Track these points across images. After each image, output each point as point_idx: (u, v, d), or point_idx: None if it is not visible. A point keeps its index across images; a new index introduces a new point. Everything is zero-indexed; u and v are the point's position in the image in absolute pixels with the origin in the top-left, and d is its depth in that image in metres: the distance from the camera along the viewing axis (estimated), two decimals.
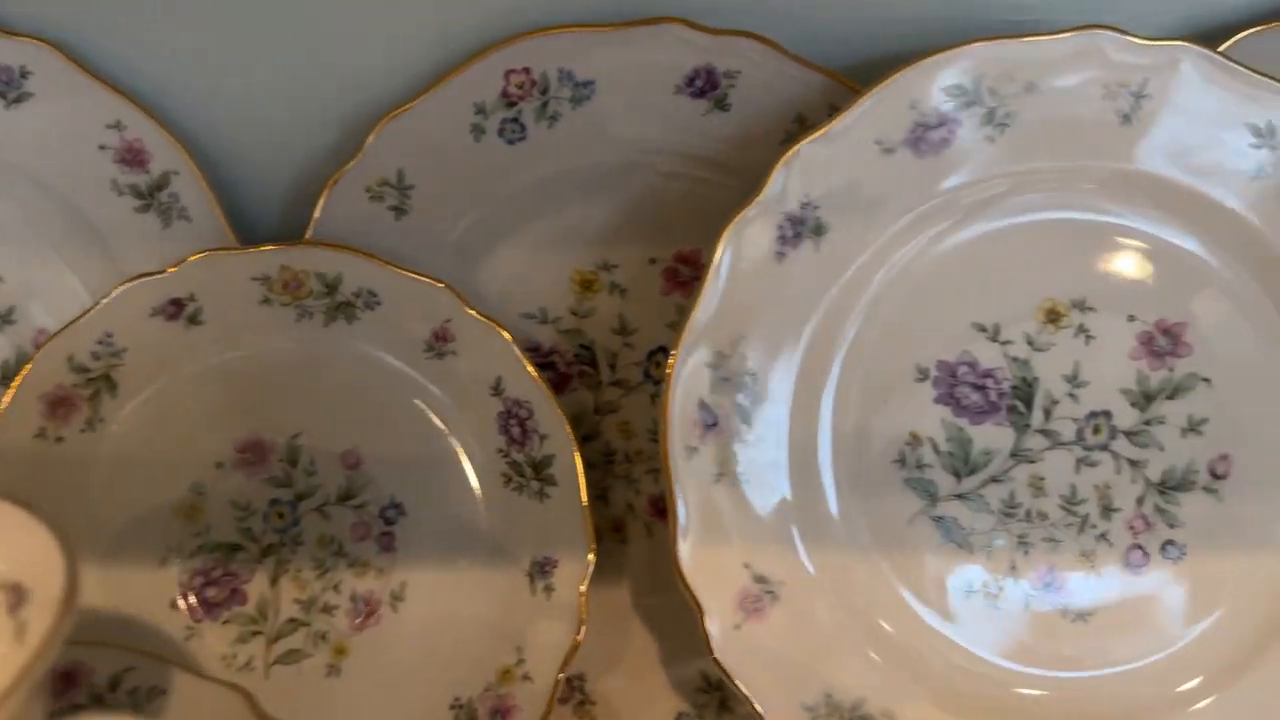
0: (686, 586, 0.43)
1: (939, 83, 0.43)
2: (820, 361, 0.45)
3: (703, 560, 0.43)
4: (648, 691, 0.50)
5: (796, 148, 0.43)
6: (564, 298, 0.51)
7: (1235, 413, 0.45)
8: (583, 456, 0.48)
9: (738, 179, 0.48)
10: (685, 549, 0.43)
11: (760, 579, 0.44)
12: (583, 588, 0.45)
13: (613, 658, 0.51)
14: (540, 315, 0.51)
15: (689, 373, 0.43)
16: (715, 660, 0.43)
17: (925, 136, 0.44)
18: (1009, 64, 0.43)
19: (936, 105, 0.43)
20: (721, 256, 0.43)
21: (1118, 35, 0.43)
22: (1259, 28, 0.47)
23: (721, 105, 0.48)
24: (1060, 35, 0.42)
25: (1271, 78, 0.43)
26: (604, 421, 0.52)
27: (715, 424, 0.44)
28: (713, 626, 0.43)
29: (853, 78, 0.47)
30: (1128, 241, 0.45)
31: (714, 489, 0.44)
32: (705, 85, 0.47)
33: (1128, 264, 0.45)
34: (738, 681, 0.43)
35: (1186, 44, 0.43)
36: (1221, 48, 0.46)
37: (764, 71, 0.47)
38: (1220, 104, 0.43)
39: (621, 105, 0.48)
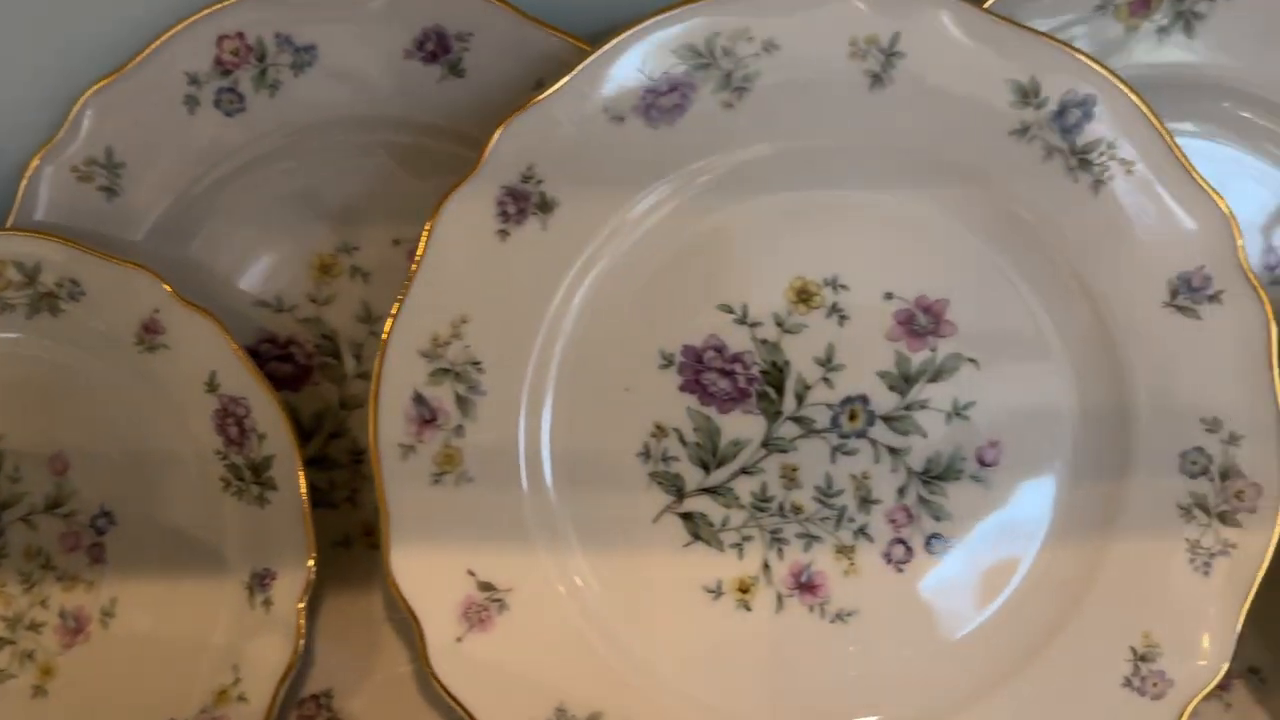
0: (401, 596, 0.40)
1: (668, 43, 0.40)
2: (554, 347, 0.42)
3: (419, 568, 0.40)
4: (400, 708, 0.47)
5: (514, 115, 0.39)
6: (301, 283, 0.47)
7: (1003, 395, 0.43)
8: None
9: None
10: (398, 556, 0.40)
11: (486, 586, 0.41)
12: (301, 604, 0.42)
13: (362, 672, 0.47)
14: (276, 303, 0.47)
15: (400, 363, 0.39)
16: (432, 675, 0.40)
17: (656, 103, 0.40)
18: (744, 21, 0.40)
19: (666, 69, 0.40)
20: (433, 236, 0.39)
21: None
22: None
23: (456, 71, 0.44)
24: None
25: (1036, 31, 0.40)
26: (351, 417, 0.48)
27: (433, 419, 0.41)
28: (431, 638, 0.40)
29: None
30: (881, 214, 0.42)
31: (434, 490, 0.40)
32: (437, 49, 0.44)
33: (883, 238, 0.42)
34: (457, 697, 0.40)
35: None
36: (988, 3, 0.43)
37: (499, 34, 0.43)
38: (980, 61, 0.40)
39: (348, 72, 0.44)
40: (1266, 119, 0.46)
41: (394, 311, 0.39)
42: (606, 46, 0.39)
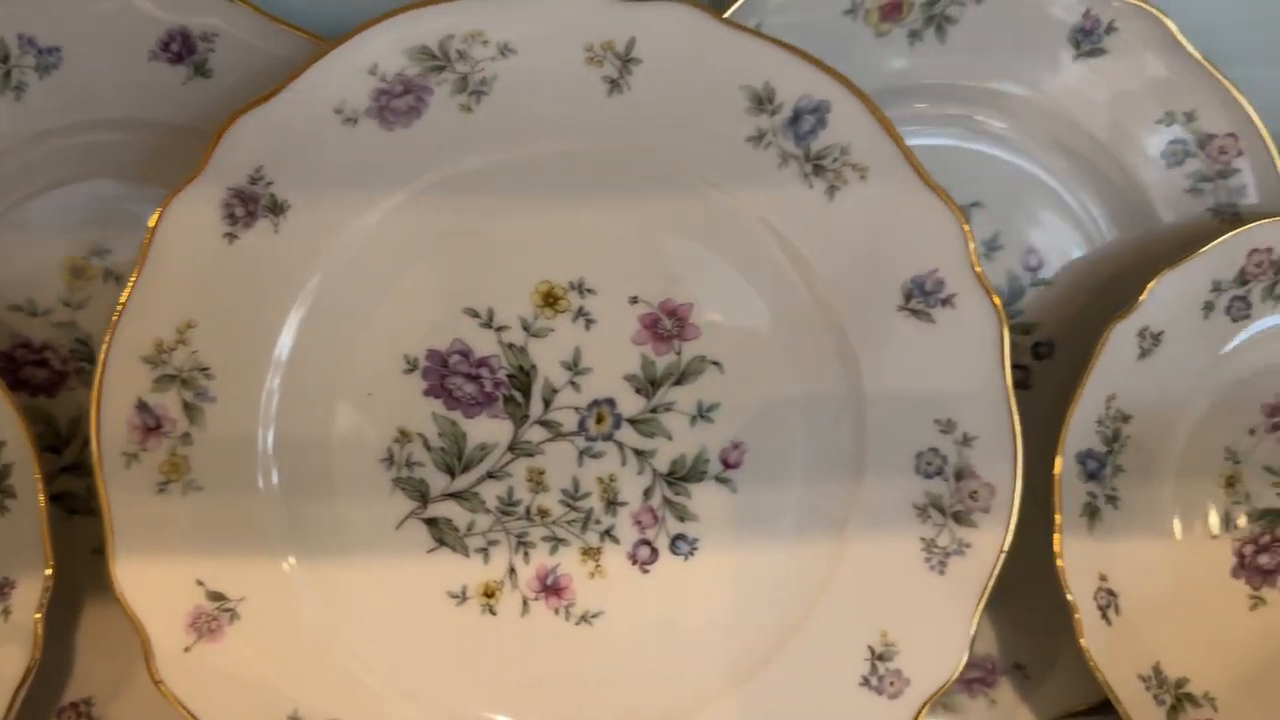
0: (126, 606, 0.39)
1: (401, 43, 0.40)
2: (289, 353, 0.41)
3: (145, 578, 0.39)
4: (161, 715, 0.46)
5: (238, 116, 0.39)
6: (54, 287, 0.46)
7: (747, 398, 0.43)
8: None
9: None
10: (123, 567, 0.39)
11: (216, 596, 0.40)
12: (38, 613, 0.41)
13: (122, 679, 0.46)
14: (29, 307, 0.46)
15: (121, 370, 0.39)
16: (159, 685, 0.39)
17: (390, 105, 0.40)
18: (479, 24, 0.39)
19: (401, 69, 0.40)
20: (155, 239, 0.38)
21: None
22: None
23: (202, 71, 0.43)
24: None
25: (770, 38, 0.40)
26: None
27: (158, 426, 0.40)
28: (158, 648, 0.39)
29: None
30: (626, 218, 0.42)
31: (159, 499, 0.40)
32: (182, 49, 0.43)
33: (627, 242, 0.42)
34: (187, 706, 0.39)
35: (677, 1, 0.40)
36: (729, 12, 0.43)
37: (244, 33, 0.42)
38: (715, 67, 0.40)
39: (95, 74, 0.43)
40: (1015, 124, 0.47)
41: (114, 317, 0.38)
42: (335, 47, 0.39)
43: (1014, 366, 0.47)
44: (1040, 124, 0.46)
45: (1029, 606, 0.47)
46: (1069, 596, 0.43)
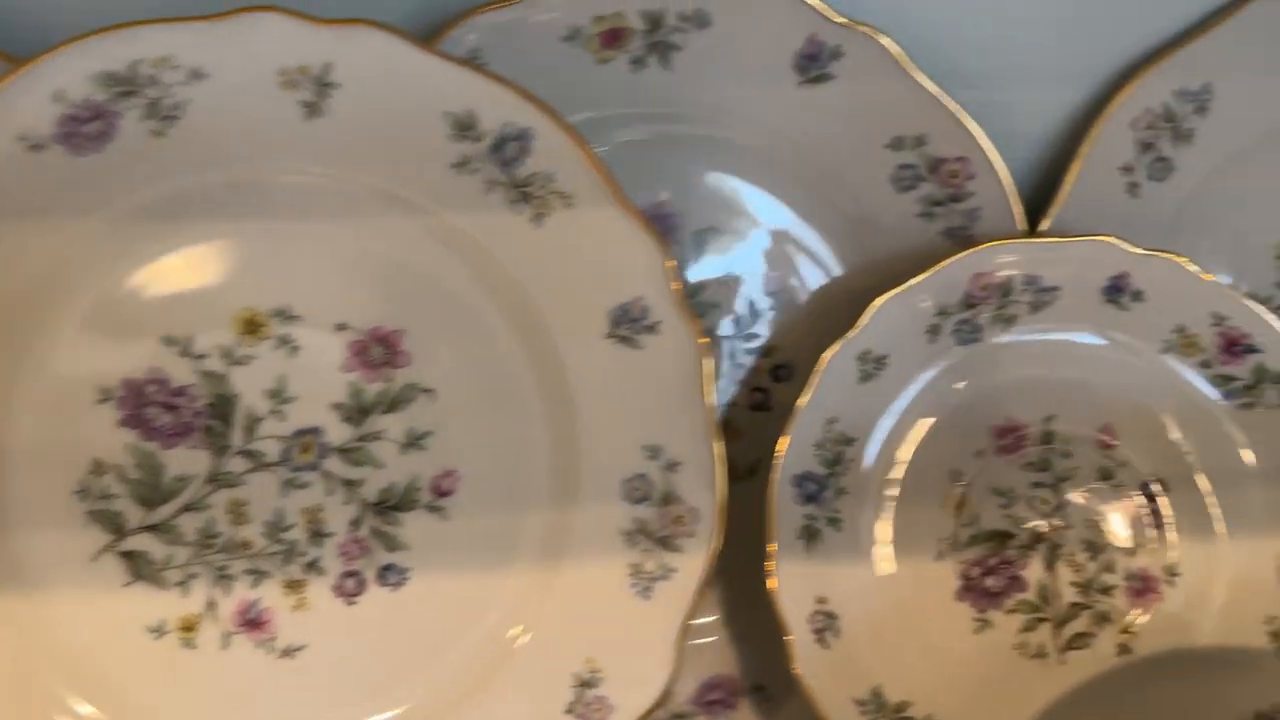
0: None
1: (88, 68, 0.39)
2: None
3: None
4: None
5: None
6: None
7: (460, 425, 0.43)
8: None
9: None
10: None
11: None
12: None
13: None
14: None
15: None
16: None
17: (79, 131, 0.39)
18: (167, 49, 0.39)
19: (88, 95, 0.39)
20: None
21: (287, 18, 0.39)
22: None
23: None
24: (221, 20, 0.37)
25: (472, 65, 0.39)
26: None
27: None
28: None
29: None
30: (332, 244, 0.41)
31: None
32: None
33: (334, 269, 0.41)
34: None
35: (373, 26, 0.39)
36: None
37: None
38: (416, 93, 0.40)
39: None
40: (747, 150, 0.47)
41: None
42: (17, 74, 0.38)
43: (754, 389, 0.49)
44: (770, 150, 0.47)
45: (768, 627, 0.47)
46: (781, 619, 0.43)
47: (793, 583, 0.44)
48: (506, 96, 0.40)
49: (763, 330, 0.49)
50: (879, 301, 0.45)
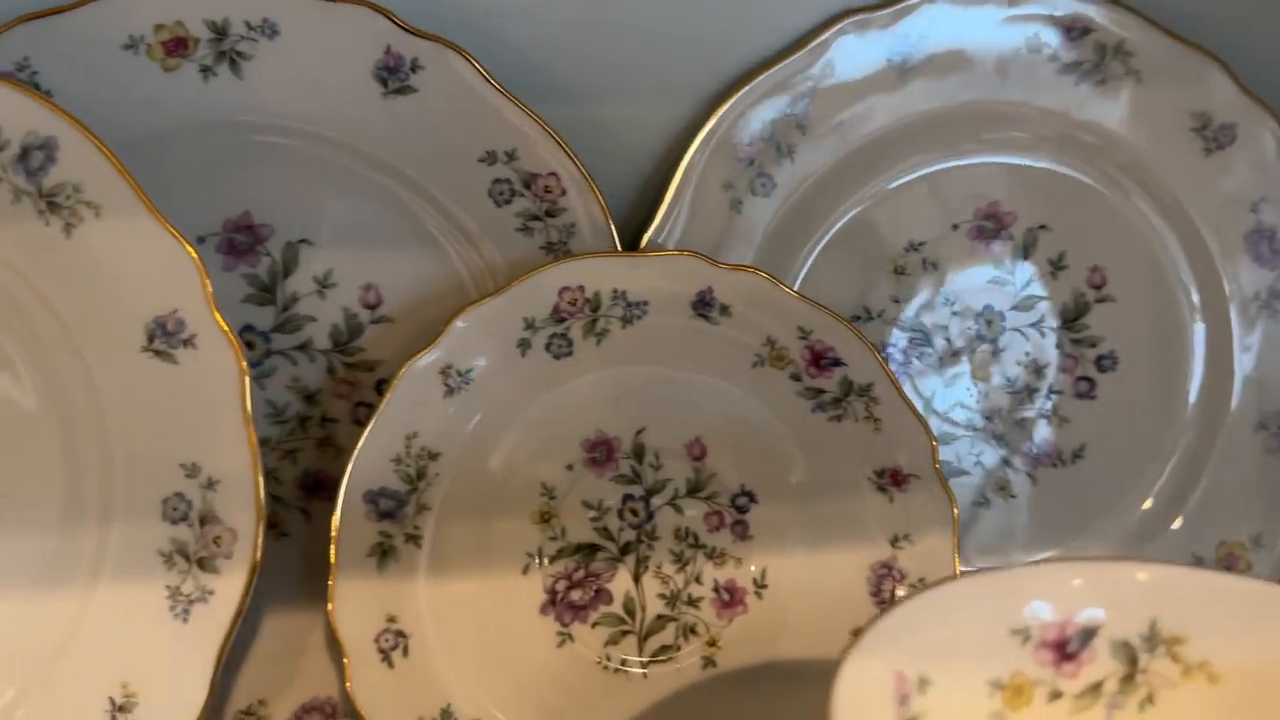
0: None
1: None
2: None
3: None
4: None
5: None
6: None
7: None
8: None
9: None
10: None
11: None
12: None
13: None
14: None
15: None
16: None
17: None
18: None
19: None
20: None
21: None
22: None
23: None
24: None
25: None
26: None
27: None
28: None
29: None
30: None
31: None
32: None
33: None
34: None
35: None
36: None
37: None
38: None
39: None
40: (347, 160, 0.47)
41: None
42: None
43: (357, 404, 0.48)
44: (354, 161, 0.47)
45: None
46: (339, 641, 0.42)
47: (359, 602, 0.43)
48: (30, 106, 0.39)
49: (363, 344, 0.49)
50: (461, 315, 0.45)
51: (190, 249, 0.40)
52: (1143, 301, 0.54)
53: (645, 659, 0.48)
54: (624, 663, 0.47)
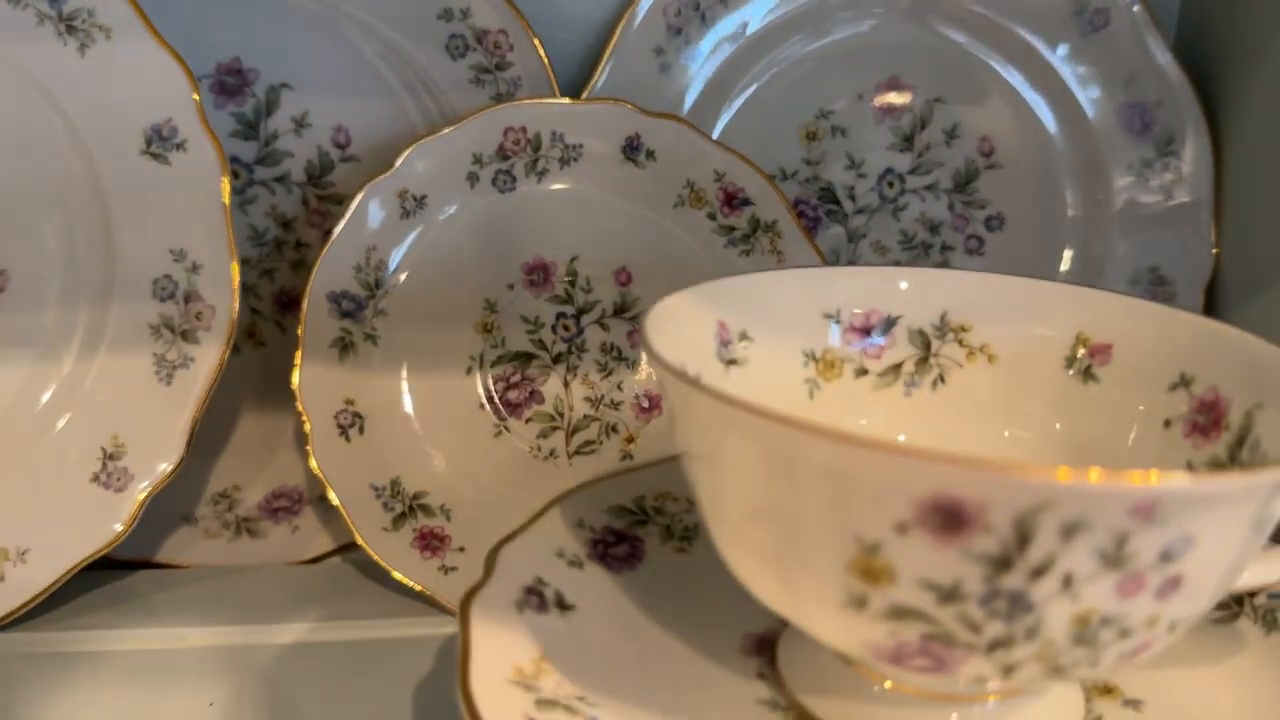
0: None
1: None
2: None
3: None
4: None
5: None
6: None
7: (9, 227, 0.48)
8: None
9: None
10: None
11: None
12: None
13: None
14: None
15: None
16: None
17: None
18: None
19: None
20: None
21: None
22: None
23: None
24: None
25: None
26: None
27: None
28: None
29: None
30: None
31: None
32: None
33: None
34: None
35: None
36: None
37: None
38: None
39: None
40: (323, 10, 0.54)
41: None
42: None
43: (328, 232, 0.54)
44: (335, 16, 0.53)
45: None
46: (301, 410, 0.49)
47: (322, 384, 0.50)
48: None
49: (334, 180, 0.55)
50: (414, 147, 0.51)
51: (183, 65, 0.47)
52: (1026, 169, 0.61)
53: (571, 450, 0.55)
54: (553, 452, 0.54)
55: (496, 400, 0.54)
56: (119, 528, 0.47)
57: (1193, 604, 0.30)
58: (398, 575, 0.49)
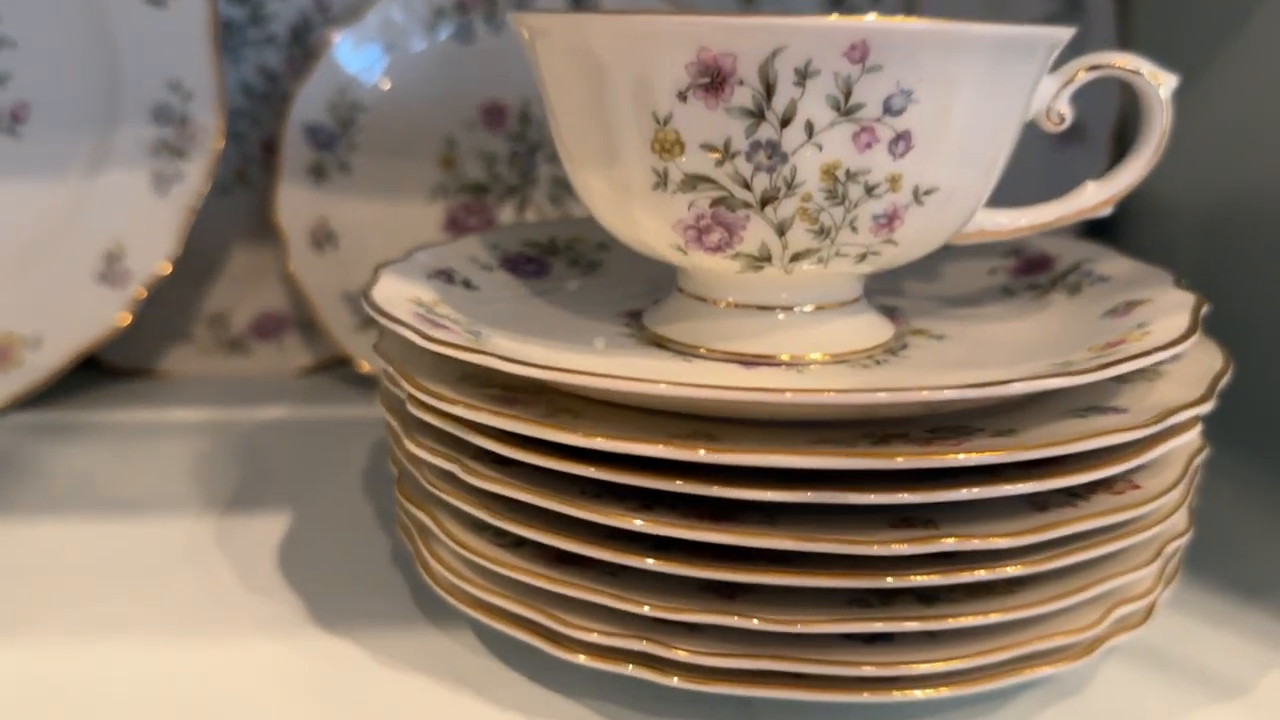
0: None
1: None
2: None
3: None
4: None
5: None
6: None
7: (37, 68, 0.55)
8: None
9: None
10: None
11: None
12: None
13: None
14: None
15: None
16: None
17: None
18: None
19: None
20: None
21: None
22: None
23: None
24: None
25: None
26: None
27: None
28: None
29: None
30: None
31: None
32: None
33: None
34: None
35: None
36: None
37: None
38: None
39: None
40: None
41: None
42: None
43: None
44: None
45: None
46: (279, 226, 0.56)
47: (299, 204, 0.57)
48: None
49: (315, 40, 0.62)
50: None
51: None
52: None
53: None
54: None
55: (458, 226, 0.60)
56: (121, 317, 0.55)
57: (932, 168, 0.34)
58: (366, 367, 0.57)
